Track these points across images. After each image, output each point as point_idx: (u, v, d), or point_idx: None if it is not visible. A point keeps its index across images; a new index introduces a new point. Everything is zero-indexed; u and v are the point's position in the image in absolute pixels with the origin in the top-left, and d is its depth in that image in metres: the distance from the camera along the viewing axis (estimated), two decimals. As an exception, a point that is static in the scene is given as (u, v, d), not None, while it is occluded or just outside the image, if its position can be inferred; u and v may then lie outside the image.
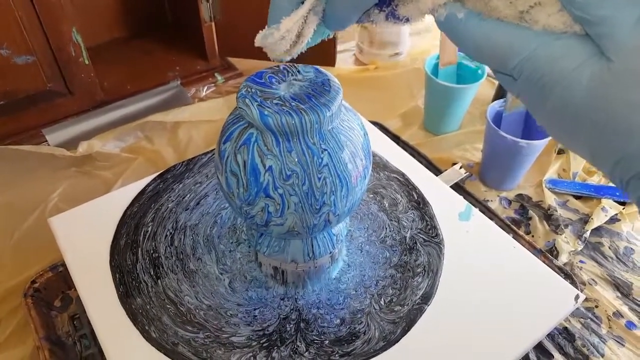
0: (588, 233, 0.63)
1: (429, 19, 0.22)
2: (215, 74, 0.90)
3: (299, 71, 0.35)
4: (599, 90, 0.17)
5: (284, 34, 0.24)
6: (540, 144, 0.61)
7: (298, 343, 0.41)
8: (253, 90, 0.33)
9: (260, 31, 0.26)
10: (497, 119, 0.66)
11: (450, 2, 0.20)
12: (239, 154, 0.33)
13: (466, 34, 0.20)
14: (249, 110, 0.31)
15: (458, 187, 0.62)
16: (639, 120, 0.16)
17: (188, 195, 0.53)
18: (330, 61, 0.87)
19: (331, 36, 0.27)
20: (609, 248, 0.62)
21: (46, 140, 0.75)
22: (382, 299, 0.44)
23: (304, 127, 0.31)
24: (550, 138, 0.61)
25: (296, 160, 0.32)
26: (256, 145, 0.33)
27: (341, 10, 0.23)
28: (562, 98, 0.18)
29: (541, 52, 0.18)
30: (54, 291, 0.51)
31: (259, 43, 0.26)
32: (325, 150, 0.33)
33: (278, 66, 0.35)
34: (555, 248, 0.61)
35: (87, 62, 0.76)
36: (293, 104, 0.32)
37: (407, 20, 0.22)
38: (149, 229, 0.50)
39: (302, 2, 0.23)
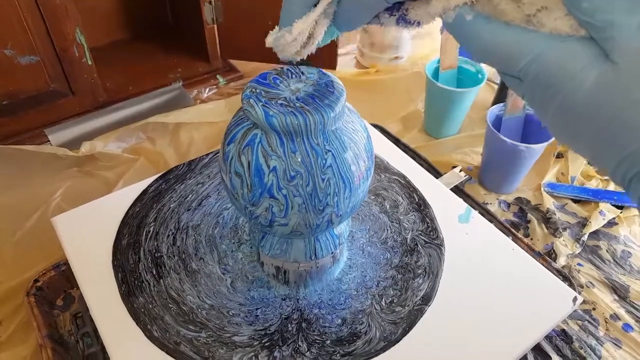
0: (586, 236, 0.63)
1: (438, 21, 0.22)
2: (217, 76, 0.91)
3: (302, 73, 0.35)
4: (604, 90, 0.17)
5: (296, 37, 0.25)
6: (539, 148, 0.62)
7: (299, 343, 0.41)
8: (258, 90, 0.33)
9: (271, 32, 0.26)
10: (497, 122, 0.67)
11: (460, 5, 0.20)
12: (243, 154, 0.33)
13: (474, 36, 0.20)
14: (253, 111, 0.32)
15: (458, 190, 0.62)
16: None
17: (190, 196, 0.54)
18: (331, 64, 0.88)
19: (340, 35, 0.27)
20: (607, 251, 0.63)
21: (49, 140, 0.76)
22: (383, 300, 0.45)
23: (308, 128, 0.32)
24: (549, 142, 0.61)
25: (300, 161, 0.33)
26: (260, 146, 0.33)
27: (353, 13, 0.23)
28: (568, 98, 0.18)
29: (548, 54, 0.18)
30: (56, 290, 0.52)
31: (269, 44, 0.26)
32: (329, 151, 0.33)
33: (282, 68, 0.35)
34: (554, 251, 0.62)
35: (90, 62, 0.76)
36: (297, 104, 0.32)
37: (418, 24, 0.23)
38: (151, 228, 0.50)
39: (315, 5, 0.24)
